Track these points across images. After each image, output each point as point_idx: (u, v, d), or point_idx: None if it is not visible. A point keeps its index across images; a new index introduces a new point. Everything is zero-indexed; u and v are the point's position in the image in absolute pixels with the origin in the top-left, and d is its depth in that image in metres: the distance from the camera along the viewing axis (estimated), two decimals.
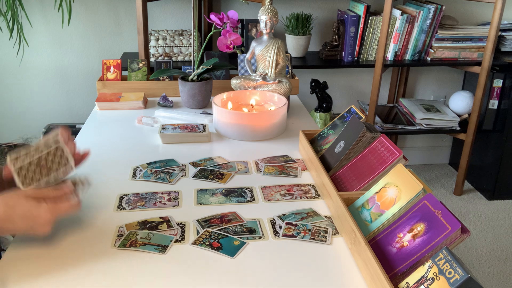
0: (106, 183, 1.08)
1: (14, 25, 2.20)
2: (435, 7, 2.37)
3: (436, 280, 0.65)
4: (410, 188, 0.83)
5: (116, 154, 1.25)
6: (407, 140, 3.03)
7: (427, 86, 2.89)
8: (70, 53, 2.54)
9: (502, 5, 2.20)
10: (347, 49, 2.46)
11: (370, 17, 2.42)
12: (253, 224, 0.93)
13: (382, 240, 0.80)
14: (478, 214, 2.51)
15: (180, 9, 2.53)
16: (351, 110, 1.21)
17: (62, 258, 0.82)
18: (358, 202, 0.91)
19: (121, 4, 2.47)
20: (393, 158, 0.94)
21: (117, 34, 2.53)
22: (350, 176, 1.01)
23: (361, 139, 1.03)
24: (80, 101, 2.65)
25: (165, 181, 1.09)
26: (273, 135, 1.36)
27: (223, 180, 1.10)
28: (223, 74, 1.72)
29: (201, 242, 0.87)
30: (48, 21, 2.45)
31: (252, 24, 2.41)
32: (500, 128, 2.55)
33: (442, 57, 2.49)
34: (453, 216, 0.73)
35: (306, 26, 2.41)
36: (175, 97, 1.66)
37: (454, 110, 2.65)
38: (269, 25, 1.41)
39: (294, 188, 1.07)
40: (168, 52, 2.37)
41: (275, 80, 1.44)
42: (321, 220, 0.95)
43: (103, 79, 1.67)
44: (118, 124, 1.44)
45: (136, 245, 0.85)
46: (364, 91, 2.84)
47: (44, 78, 2.58)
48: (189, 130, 1.32)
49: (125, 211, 0.97)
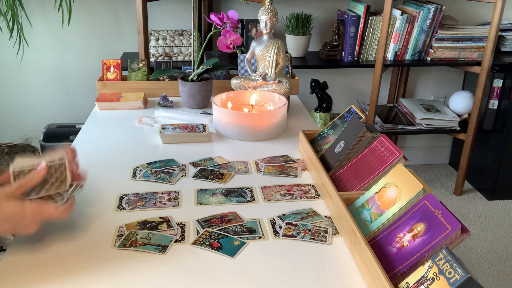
0: (106, 183, 1.08)
1: (14, 25, 2.20)
2: (435, 7, 2.37)
3: (436, 280, 0.65)
4: (410, 188, 0.83)
5: (116, 154, 1.25)
6: (407, 140, 3.03)
7: (427, 86, 2.89)
8: (70, 53, 2.54)
9: (502, 5, 2.20)
10: (347, 49, 2.46)
11: (370, 17, 2.42)
12: (253, 224, 0.93)
13: (382, 240, 0.80)
14: (478, 214, 2.51)
15: (180, 9, 2.53)
16: (351, 110, 1.21)
17: (62, 258, 0.82)
18: (358, 202, 0.91)
19: (121, 4, 2.47)
20: (393, 158, 0.94)
21: (117, 34, 2.53)
22: (350, 176, 1.01)
23: (361, 139, 1.03)
24: (80, 101, 2.65)
25: (165, 181, 1.09)
26: (273, 135, 1.36)
27: (223, 180, 1.10)
28: (223, 74, 1.72)
29: (201, 242, 0.87)
30: (48, 21, 2.45)
31: (252, 24, 2.41)
32: (500, 128, 2.55)
33: (442, 57, 2.49)
34: (453, 216, 0.73)
35: (306, 26, 2.41)
36: (175, 97, 1.66)
37: (454, 110, 2.65)
38: (269, 25, 1.41)
39: (294, 188, 1.07)
40: (168, 52, 2.37)
41: (275, 80, 1.44)
42: (321, 220, 0.95)
43: (103, 79, 1.67)
44: (118, 124, 1.44)
45: (136, 245, 0.85)
46: (364, 91, 2.84)
47: (44, 78, 2.58)
48: (189, 130, 1.32)
49: (125, 211, 0.97)
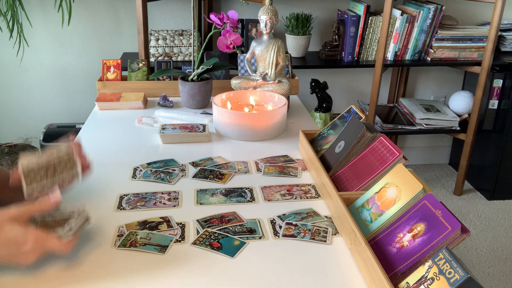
0: (106, 183, 1.08)
1: (14, 25, 2.20)
2: (435, 7, 2.37)
3: (436, 280, 0.65)
4: (410, 188, 0.83)
5: (116, 154, 1.25)
6: (407, 140, 3.02)
7: (427, 86, 2.89)
8: (70, 53, 2.54)
9: (502, 5, 2.19)
10: (347, 49, 2.46)
11: (370, 17, 2.42)
12: (253, 224, 0.93)
13: (382, 240, 0.80)
14: (478, 214, 2.51)
15: (180, 9, 2.53)
16: (351, 110, 1.21)
17: (62, 258, 0.82)
18: (358, 202, 0.91)
19: (121, 4, 2.47)
20: (393, 158, 0.94)
21: (117, 34, 2.53)
22: (350, 176, 1.01)
23: (361, 139, 1.03)
24: (80, 101, 2.64)
25: (165, 181, 1.09)
26: (273, 135, 1.36)
27: (223, 180, 1.10)
28: (223, 74, 1.72)
29: (201, 242, 0.87)
30: (48, 21, 2.45)
31: (252, 24, 2.41)
32: (500, 128, 2.55)
33: (442, 57, 2.48)
34: (453, 216, 0.73)
35: (306, 26, 2.41)
36: (175, 97, 1.66)
37: (454, 110, 2.65)
38: (269, 25, 1.41)
39: (294, 188, 1.07)
40: (168, 52, 2.37)
41: (275, 80, 1.44)
42: (321, 220, 0.95)
43: (103, 79, 1.67)
44: (118, 124, 1.44)
45: (136, 245, 0.85)
46: (364, 91, 2.84)
47: (44, 78, 2.58)
48: (189, 130, 1.32)
49: (125, 211, 0.97)
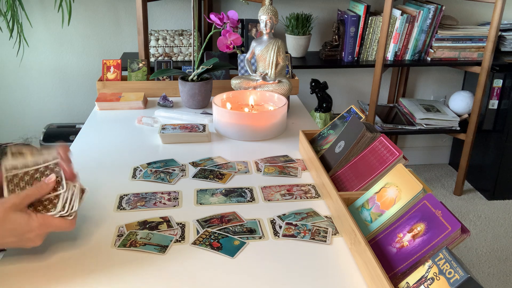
0: (106, 183, 1.08)
1: (14, 25, 2.20)
2: (435, 7, 2.37)
3: (436, 280, 0.65)
4: (410, 188, 0.83)
5: (116, 154, 1.25)
6: (407, 140, 3.03)
7: (427, 86, 2.89)
8: (70, 53, 2.54)
9: (502, 5, 2.20)
10: (347, 49, 2.46)
11: (370, 17, 2.42)
12: (253, 224, 0.93)
13: (382, 240, 0.80)
14: (478, 214, 2.51)
15: (180, 9, 2.53)
16: (351, 110, 1.21)
17: (61, 258, 0.82)
18: (358, 202, 0.91)
19: (121, 4, 2.47)
20: (393, 158, 0.94)
21: (117, 34, 2.53)
22: (350, 176, 1.01)
23: (361, 139, 1.03)
24: (80, 101, 2.65)
25: (165, 181, 1.09)
26: (273, 135, 1.36)
27: (223, 180, 1.10)
28: (223, 74, 1.72)
29: (201, 242, 0.87)
30: (48, 21, 2.45)
31: (252, 24, 2.41)
32: (500, 128, 2.55)
33: (442, 57, 2.49)
34: (453, 216, 0.73)
35: (306, 26, 2.41)
36: (175, 97, 1.66)
37: (454, 110, 2.65)
38: (269, 25, 1.41)
39: (294, 188, 1.07)
40: (168, 52, 2.37)
41: (275, 80, 1.44)
42: (321, 220, 0.95)
43: (103, 79, 1.67)
44: (118, 124, 1.44)
45: (136, 245, 0.85)
46: (364, 91, 2.84)
47: (44, 78, 2.58)
48: (189, 130, 1.32)
49: (125, 211, 0.97)
